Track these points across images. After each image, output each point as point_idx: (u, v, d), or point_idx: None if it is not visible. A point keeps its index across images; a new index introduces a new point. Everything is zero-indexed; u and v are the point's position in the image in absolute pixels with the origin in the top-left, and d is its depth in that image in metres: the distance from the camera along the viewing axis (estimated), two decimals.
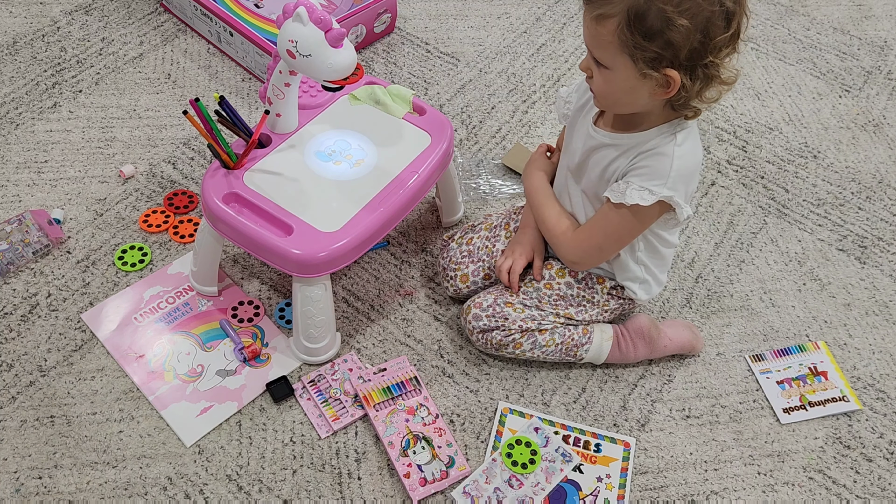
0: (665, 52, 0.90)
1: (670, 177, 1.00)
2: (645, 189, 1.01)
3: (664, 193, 1.01)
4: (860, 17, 1.93)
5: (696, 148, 1.03)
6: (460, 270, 1.27)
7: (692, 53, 0.91)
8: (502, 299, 1.19)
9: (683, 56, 0.91)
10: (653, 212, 1.05)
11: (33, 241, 1.31)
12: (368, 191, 1.15)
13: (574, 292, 1.20)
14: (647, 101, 0.98)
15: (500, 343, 1.18)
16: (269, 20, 1.60)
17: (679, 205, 1.02)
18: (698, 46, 0.90)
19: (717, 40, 0.90)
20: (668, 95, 0.95)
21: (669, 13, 0.88)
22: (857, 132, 1.66)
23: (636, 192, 1.01)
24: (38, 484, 1.08)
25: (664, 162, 1.00)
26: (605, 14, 0.91)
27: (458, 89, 1.68)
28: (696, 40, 0.89)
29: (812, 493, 1.14)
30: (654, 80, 0.94)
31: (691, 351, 1.26)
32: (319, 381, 1.20)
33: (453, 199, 1.39)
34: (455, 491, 1.10)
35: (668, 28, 0.88)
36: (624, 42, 0.91)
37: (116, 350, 1.22)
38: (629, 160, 1.04)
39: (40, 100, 1.57)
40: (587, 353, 1.21)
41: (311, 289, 1.13)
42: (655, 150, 1.01)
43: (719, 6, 0.89)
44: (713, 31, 0.90)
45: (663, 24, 0.88)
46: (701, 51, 0.91)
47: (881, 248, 1.45)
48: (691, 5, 0.88)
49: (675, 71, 0.92)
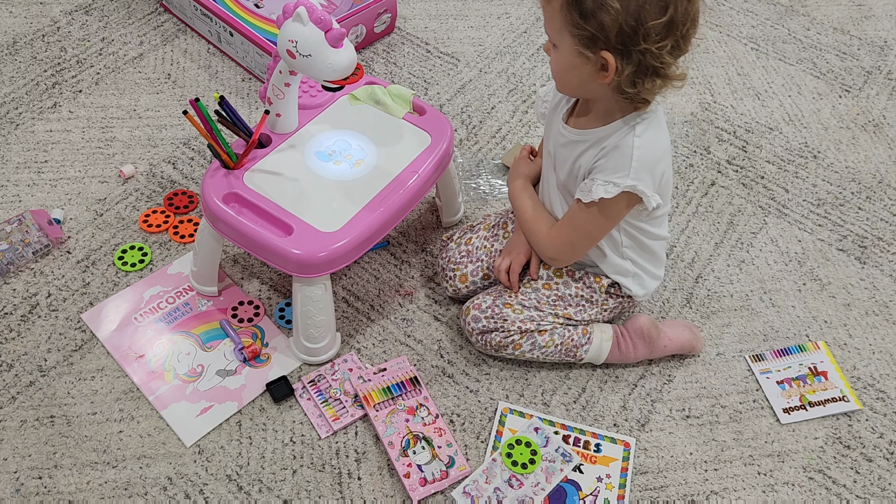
0: (599, 33, 0.94)
1: (632, 167, 1.02)
2: (609, 182, 1.03)
3: (627, 183, 1.02)
4: (860, 17, 1.93)
5: (659, 136, 1.05)
6: (459, 270, 1.27)
7: (624, 37, 0.93)
8: (501, 300, 1.19)
9: (614, 38, 0.93)
10: (620, 205, 1.06)
11: (33, 241, 1.31)
12: (368, 191, 1.15)
13: (572, 292, 1.20)
14: (594, 85, 1.00)
15: (499, 344, 1.18)
16: (269, 20, 1.60)
17: (644, 193, 1.03)
18: (629, 31, 0.93)
19: (650, 25, 0.92)
20: (607, 79, 0.98)
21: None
22: (857, 132, 1.66)
23: (601, 186, 1.03)
24: (38, 484, 1.08)
25: (624, 153, 1.03)
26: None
27: (458, 89, 1.68)
28: (626, 24, 0.92)
29: (812, 493, 1.14)
30: (591, 62, 0.97)
31: (691, 351, 1.26)
32: (319, 381, 1.20)
33: (453, 199, 1.39)
34: (455, 491, 1.10)
35: (601, 9, 0.92)
36: (566, 21, 0.95)
37: (116, 350, 1.22)
38: (593, 156, 1.06)
39: (40, 100, 1.57)
40: (587, 354, 1.21)
41: (311, 289, 1.13)
42: (616, 143, 1.04)
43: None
44: (646, 16, 0.92)
45: (596, 6, 0.92)
46: (633, 35, 0.93)
47: (881, 248, 1.45)
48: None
49: (609, 54, 0.95)
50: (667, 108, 1.67)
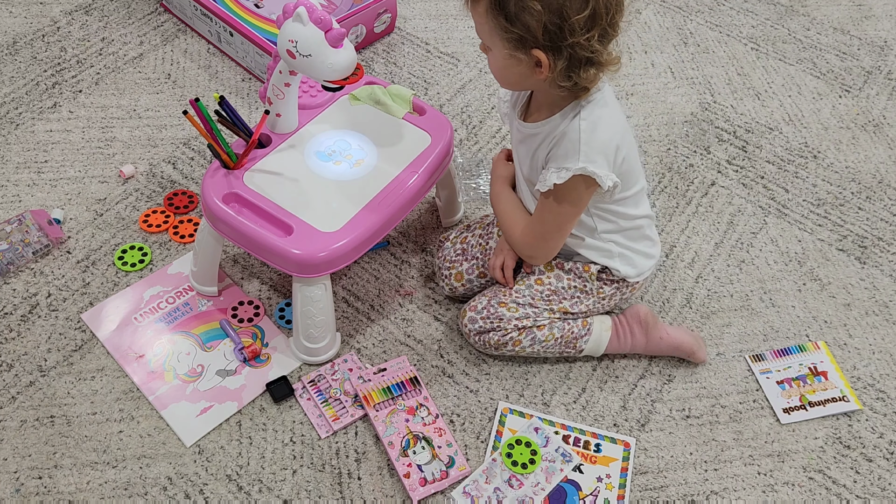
0: (526, 34, 0.95)
1: (581, 150, 1.03)
2: (562, 168, 1.04)
3: (577, 167, 1.03)
4: (860, 17, 1.93)
5: (606, 115, 1.05)
6: (455, 269, 1.27)
7: (551, 35, 0.95)
8: (496, 300, 1.19)
9: (542, 37, 0.95)
10: (579, 189, 1.07)
11: (33, 241, 1.31)
12: (368, 191, 1.15)
13: (565, 284, 1.20)
14: (532, 79, 1.02)
15: (498, 343, 1.18)
16: (269, 20, 1.60)
17: (596, 174, 1.04)
18: (555, 28, 0.94)
19: (574, 20, 0.93)
20: (542, 76, 0.99)
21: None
22: (857, 132, 1.66)
23: (553, 173, 1.05)
24: (38, 484, 1.08)
25: (571, 138, 1.04)
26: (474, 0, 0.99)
27: (458, 89, 1.68)
28: (551, 22, 0.94)
29: (812, 493, 1.14)
30: (525, 61, 0.99)
31: (690, 355, 1.25)
32: (319, 381, 1.20)
33: (453, 199, 1.39)
34: (455, 491, 1.10)
35: (523, 11, 0.94)
36: (493, 25, 0.98)
37: (116, 350, 1.22)
38: (546, 145, 1.08)
39: (40, 100, 1.57)
40: (587, 345, 1.21)
41: (310, 289, 1.13)
42: (564, 130, 1.05)
43: None
44: (568, 12, 0.93)
45: (518, 8, 0.94)
46: (559, 32, 0.95)
47: (881, 248, 1.45)
48: None
49: (540, 51, 0.96)
50: (667, 108, 1.67)
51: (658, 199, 1.50)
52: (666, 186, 1.53)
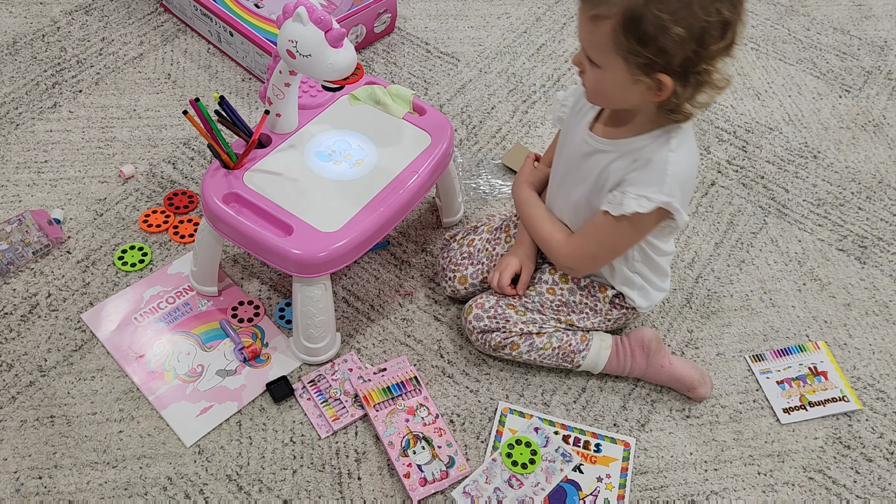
0: (658, 58, 0.90)
1: (666, 182, 0.99)
2: (642, 196, 1.00)
3: (661, 199, 1.00)
4: (860, 17, 1.93)
5: (692, 153, 1.03)
6: (459, 272, 1.27)
7: (686, 61, 0.90)
8: (504, 301, 1.18)
9: (677, 63, 0.90)
10: (650, 220, 1.04)
11: (33, 241, 1.31)
12: (368, 191, 1.15)
13: (577, 299, 1.20)
14: (638, 100, 0.98)
15: (498, 344, 1.18)
16: (269, 20, 1.60)
17: (677, 210, 1.01)
18: (692, 55, 0.90)
19: (712, 49, 0.90)
20: (659, 99, 0.95)
21: (665, 21, 0.87)
22: (857, 132, 1.66)
23: (633, 200, 1.00)
24: (38, 484, 1.08)
25: (659, 168, 1.00)
26: (601, 15, 0.90)
27: (458, 89, 1.68)
28: (690, 49, 0.89)
29: (812, 493, 1.14)
30: (644, 83, 0.93)
31: (690, 390, 1.21)
32: (319, 381, 1.20)
33: (453, 199, 1.39)
34: (455, 491, 1.10)
35: (663, 35, 0.88)
36: (618, 45, 0.91)
37: (116, 350, 1.22)
38: (624, 166, 1.03)
39: (40, 100, 1.57)
40: (584, 361, 1.20)
41: (310, 289, 1.13)
42: (650, 156, 1.01)
43: (716, 16, 0.88)
44: (708, 40, 0.89)
45: (658, 31, 0.88)
46: (695, 59, 0.90)
47: (881, 248, 1.45)
48: (687, 14, 0.87)
49: (667, 76, 0.91)
50: None
51: None
52: None
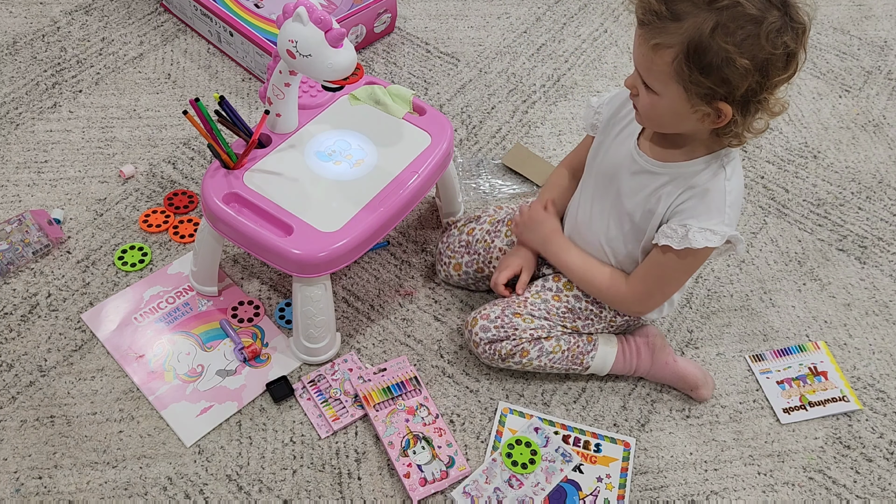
0: (720, 87, 0.89)
1: (726, 213, 0.99)
2: (707, 230, 0.99)
3: (728, 232, 0.99)
4: (860, 17, 1.93)
5: (741, 176, 1.02)
6: (455, 259, 1.28)
7: (748, 92, 0.89)
8: (510, 311, 1.18)
9: (739, 94, 0.89)
10: (710, 250, 1.03)
11: (33, 241, 1.31)
12: (368, 191, 1.15)
13: (582, 306, 1.19)
14: (693, 127, 0.96)
15: (508, 353, 1.17)
16: (269, 20, 1.60)
17: (741, 241, 1.01)
18: (755, 86, 0.89)
19: (775, 80, 0.89)
20: (716, 126, 0.94)
21: (731, 52, 0.86)
22: (857, 132, 1.66)
23: (699, 234, 0.99)
24: (38, 484, 1.08)
25: (718, 199, 0.99)
26: (664, 44, 0.89)
27: (458, 89, 1.68)
28: (753, 80, 0.88)
29: (812, 493, 1.14)
30: (703, 111, 0.92)
31: (693, 389, 1.21)
32: (319, 381, 1.20)
33: (453, 200, 1.39)
34: (455, 491, 1.10)
35: (727, 66, 0.87)
36: (679, 73, 0.90)
37: (116, 350, 1.22)
38: (677, 193, 1.01)
39: (40, 100, 1.57)
40: (593, 361, 1.20)
41: (310, 289, 1.13)
42: (707, 186, 0.99)
43: (782, 48, 0.87)
44: (772, 72, 0.88)
45: (722, 62, 0.86)
46: (757, 90, 0.89)
47: (881, 248, 1.45)
48: (753, 45, 0.86)
49: (727, 105, 0.91)
50: None
51: None
52: None
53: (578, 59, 1.77)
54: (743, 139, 0.96)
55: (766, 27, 0.86)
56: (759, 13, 0.86)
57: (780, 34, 0.87)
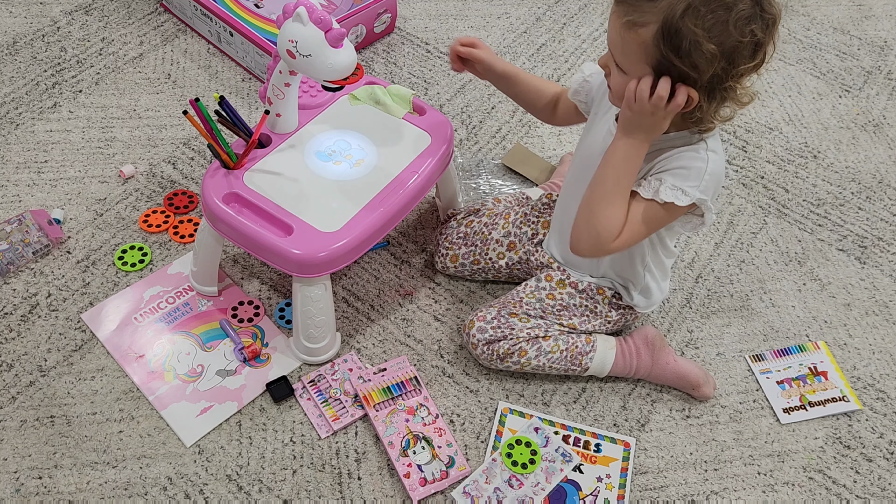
0: (690, 71, 0.90)
1: (703, 179, 0.99)
2: (678, 189, 0.99)
3: (698, 196, 0.99)
4: (860, 17, 1.93)
5: (722, 155, 1.03)
6: (452, 250, 1.30)
7: (713, 78, 0.90)
8: (506, 311, 1.18)
9: (705, 79, 0.90)
10: (681, 211, 1.03)
11: (33, 241, 1.31)
12: (368, 191, 1.15)
13: (577, 302, 1.20)
14: None
15: (506, 353, 1.17)
16: (269, 20, 1.60)
17: (710, 209, 1.01)
18: (720, 73, 0.90)
19: (741, 68, 0.90)
20: (683, 111, 0.95)
21: (699, 36, 0.86)
22: (857, 132, 1.66)
23: (670, 190, 0.99)
24: (38, 484, 1.08)
25: (699, 164, 0.99)
26: (638, 22, 0.89)
27: (458, 89, 1.68)
28: (719, 67, 0.89)
29: (812, 493, 1.14)
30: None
31: (695, 388, 1.21)
32: (319, 381, 1.20)
33: (453, 199, 1.39)
34: (455, 491, 1.10)
35: (696, 50, 0.88)
36: (650, 54, 0.91)
37: (116, 350, 1.22)
38: (653, 160, 1.02)
39: (40, 100, 1.57)
40: (592, 362, 1.19)
41: (310, 289, 1.13)
42: (688, 150, 1.00)
43: (750, 37, 0.88)
44: (739, 59, 0.89)
45: (691, 45, 0.87)
46: (723, 77, 0.90)
47: (881, 248, 1.45)
48: (721, 31, 0.87)
49: (694, 91, 0.91)
50: None
51: None
52: None
53: (578, 59, 1.77)
54: (708, 125, 0.98)
55: (735, 14, 0.87)
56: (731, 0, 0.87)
57: (748, 22, 0.88)
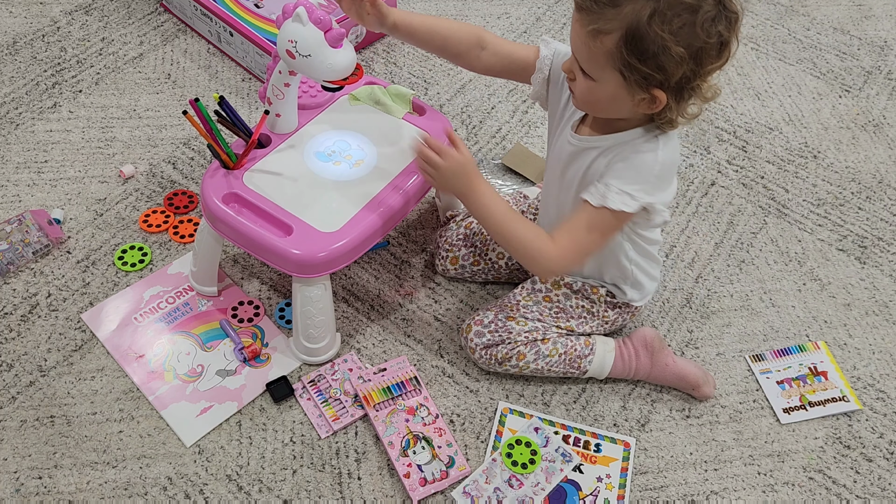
0: (657, 74, 0.90)
1: (651, 182, 0.99)
2: (625, 194, 0.98)
3: (646, 200, 0.99)
4: (860, 17, 1.93)
5: (676, 152, 1.03)
6: (452, 252, 1.30)
7: (682, 79, 0.91)
8: (503, 314, 1.18)
9: (674, 81, 0.91)
10: (630, 216, 1.02)
11: (33, 241, 1.31)
12: (368, 191, 1.15)
13: (573, 303, 1.20)
14: (629, 112, 0.98)
15: (504, 357, 1.17)
16: (269, 20, 1.60)
17: (661, 212, 1.01)
18: (689, 73, 0.91)
19: (708, 68, 0.92)
20: (651, 111, 0.96)
21: (667, 40, 0.87)
22: (857, 132, 1.66)
23: (616, 196, 0.98)
24: (38, 484, 1.08)
25: (645, 166, 0.99)
26: (602, 30, 0.90)
27: (458, 89, 1.68)
28: (688, 68, 0.90)
29: (812, 493, 1.14)
30: (638, 96, 0.94)
31: (695, 388, 1.21)
32: (319, 381, 1.20)
33: (453, 200, 1.39)
34: (455, 491, 1.10)
35: (663, 53, 0.88)
36: (616, 59, 0.91)
37: (116, 350, 1.22)
38: (607, 160, 1.02)
39: (40, 100, 1.57)
40: (591, 365, 1.19)
41: (310, 289, 1.13)
42: (635, 151, 1.00)
43: (716, 37, 0.89)
44: (706, 59, 0.90)
45: (659, 49, 0.88)
46: (691, 77, 0.92)
47: (881, 248, 1.45)
48: (689, 33, 0.88)
49: (662, 92, 0.92)
50: None
51: None
52: None
53: None
54: (676, 124, 0.98)
55: (701, 16, 0.88)
56: (696, 2, 0.88)
57: (714, 23, 0.89)
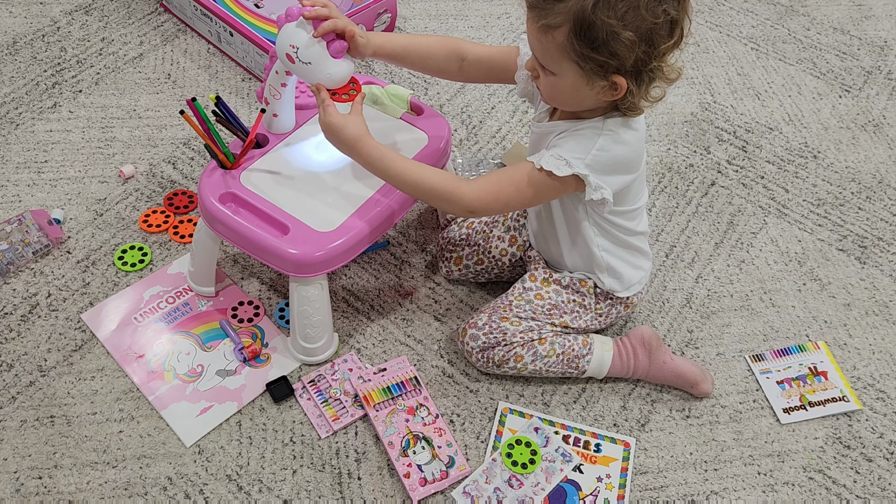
0: (611, 61, 0.92)
1: (590, 155, 1.00)
2: (561, 159, 1.01)
3: (580, 170, 1.00)
4: (860, 17, 1.93)
5: (629, 140, 1.03)
6: (455, 253, 1.30)
7: (637, 62, 0.93)
8: (496, 316, 1.18)
9: (629, 65, 0.93)
10: (563, 185, 1.03)
11: (33, 241, 1.31)
12: (365, 191, 1.15)
13: (564, 298, 1.20)
14: (594, 101, 1.00)
15: (501, 359, 1.17)
16: (269, 20, 1.60)
17: (591, 185, 1.01)
18: (643, 56, 0.92)
19: (661, 48, 0.93)
20: (614, 98, 0.97)
21: (615, 26, 0.89)
22: (857, 132, 1.66)
23: (553, 159, 1.01)
24: (38, 484, 1.08)
25: (587, 141, 1.01)
26: (551, 24, 0.92)
27: (458, 89, 1.68)
28: (640, 50, 0.91)
29: (812, 493, 1.14)
30: (600, 85, 0.96)
31: (693, 386, 1.21)
32: (319, 381, 1.20)
33: None
34: (455, 491, 1.10)
35: (613, 40, 0.90)
36: (570, 51, 0.93)
37: (116, 350, 1.22)
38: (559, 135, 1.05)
39: (40, 100, 1.57)
40: (589, 365, 1.19)
41: (307, 288, 1.13)
42: (584, 128, 1.02)
43: (663, 17, 0.90)
44: (657, 40, 0.92)
45: (608, 36, 0.90)
46: (646, 59, 0.93)
47: (881, 248, 1.45)
48: (635, 17, 0.89)
49: (621, 77, 0.94)
50: (667, 108, 1.67)
51: (658, 199, 1.50)
52: (666, 186, 1.53)
53: None
54: (641, 108, 1.00)
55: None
56: None
57: (659, 3, 0.90)
